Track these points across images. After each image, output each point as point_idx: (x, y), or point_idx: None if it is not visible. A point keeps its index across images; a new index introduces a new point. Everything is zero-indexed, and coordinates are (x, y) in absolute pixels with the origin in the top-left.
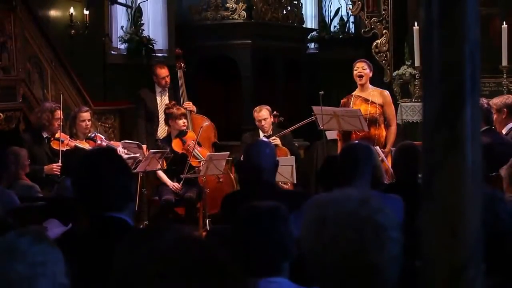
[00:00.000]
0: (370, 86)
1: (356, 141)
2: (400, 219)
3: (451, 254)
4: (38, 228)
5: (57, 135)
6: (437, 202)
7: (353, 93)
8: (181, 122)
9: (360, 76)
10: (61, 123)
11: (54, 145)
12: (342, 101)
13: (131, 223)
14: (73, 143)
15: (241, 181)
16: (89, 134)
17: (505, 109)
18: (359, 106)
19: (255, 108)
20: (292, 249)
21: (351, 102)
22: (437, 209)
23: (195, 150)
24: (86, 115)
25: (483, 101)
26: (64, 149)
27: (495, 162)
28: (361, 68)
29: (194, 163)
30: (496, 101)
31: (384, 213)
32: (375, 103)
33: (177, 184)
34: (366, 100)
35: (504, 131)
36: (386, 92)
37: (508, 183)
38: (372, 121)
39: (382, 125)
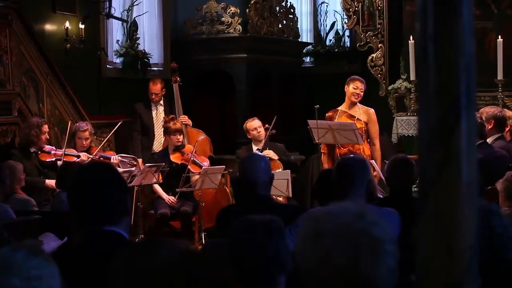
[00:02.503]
0: (358, 103)
1: (352, 155)
2: (396, 233)
3: (447, 269)
4: (34, 242)
5: (44, 148)
6: (433, 217)
7: (339, 108)
8: (175, 138)
9: (358, 96)
10: (47, 136)
11: (43, 158)
12: (327, 114)
13: (127, 236)
14: (60, 152)
15: (235, 195)
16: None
17: (492, 120)
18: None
19: (246, 121)
20: (287, 262)
21: (337, 117)
22: (432, 224)
23: (194, 157)
24: (85, 134)
25: (476, 114)
26: (59, 160)
27: (489, 176)
28: (359, 90)
29: (194, 169)
30: (488, 110)
31: (380, 226)
32: (361, 120)
33: (173, 197)
34: (351, 117)
35: (489, 140)
36: (372, 110)
37: (504, 197)
38: None
39: (366, 141)
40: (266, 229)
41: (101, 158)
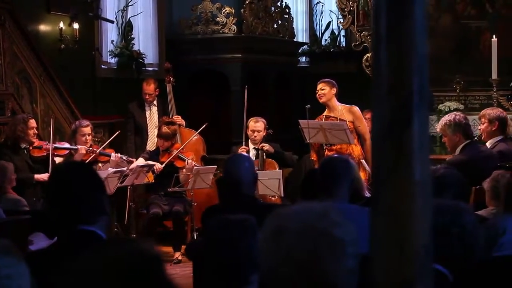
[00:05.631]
0: (338, 103)
1: (336, 155)
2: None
3: (399, 268)
4: (7, 241)
5: (35, 144)
6: (385, 216)
7: (324, 114)
8: (160, 142)
9: (320, 97)
10: (36, 131)
11: (34, 153)
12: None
13: (103, 236)
14: (50, 146)
15: (219, 195)
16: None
17: (496, 122)
18: None
19: (251, 118)
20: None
21: None
22: (385, 223)
23: (180, 153)
24: (87, 129)
25: (461, 115)
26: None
27: (476, 175)
28: (320, 90)
29: (179, 164)
30: (490, 112)
31: (342, 227)
32: (345, 121)
33: (159, 164)
34: (336, 120)
35: (489, 144)
36: (355, 108)
37: (490, 196)
38: None
39: (357, 141)
40: (240, 228)
41: (101, 156)
